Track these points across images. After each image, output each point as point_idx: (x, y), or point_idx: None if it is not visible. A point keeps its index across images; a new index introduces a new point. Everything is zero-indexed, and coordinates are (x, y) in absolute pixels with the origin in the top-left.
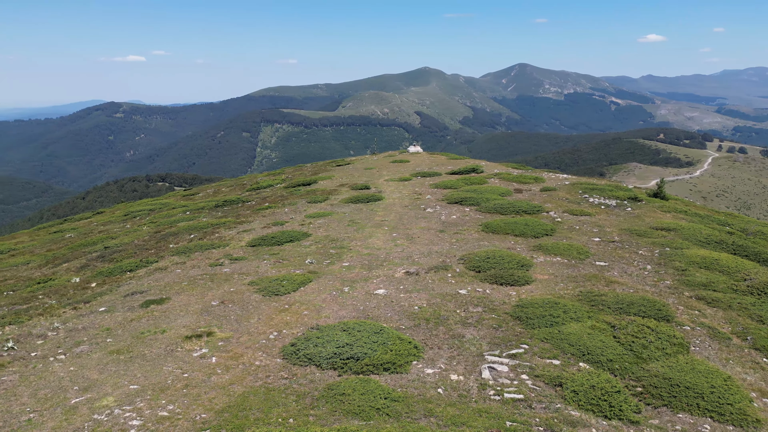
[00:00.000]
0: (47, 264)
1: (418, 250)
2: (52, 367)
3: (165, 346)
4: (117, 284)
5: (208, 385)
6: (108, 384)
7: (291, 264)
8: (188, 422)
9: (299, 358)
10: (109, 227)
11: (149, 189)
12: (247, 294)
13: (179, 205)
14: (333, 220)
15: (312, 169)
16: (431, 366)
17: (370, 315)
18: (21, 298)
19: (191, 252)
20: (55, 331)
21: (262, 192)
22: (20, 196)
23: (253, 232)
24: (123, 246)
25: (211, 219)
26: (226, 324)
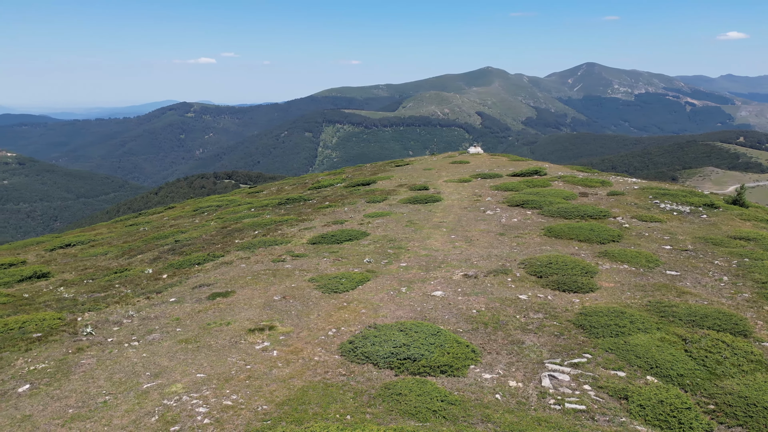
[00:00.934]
0: (123, 255)
1: (477, 252)
2: (126, 352)
3: (229, 338)
4: (186, 276)
5: (270, 378)
6: (177, 371)
7: (349, 262)
8: (250, 412)
9: (357, 355)
10: (179, 222)
11: (216, 186)
12: (308, 290)
13: (244, 202)
14: (391, 220)
15: (371, 169)
16: (489, 371)
17: (427, 316)
18: (99, 287)
19: (255, 248)
20: (129, 319)
21: (322, 191)
22: (99, 190)
23: (314, 230)
24: (192, 240)
25: (274, 216)
26: (287, 319)
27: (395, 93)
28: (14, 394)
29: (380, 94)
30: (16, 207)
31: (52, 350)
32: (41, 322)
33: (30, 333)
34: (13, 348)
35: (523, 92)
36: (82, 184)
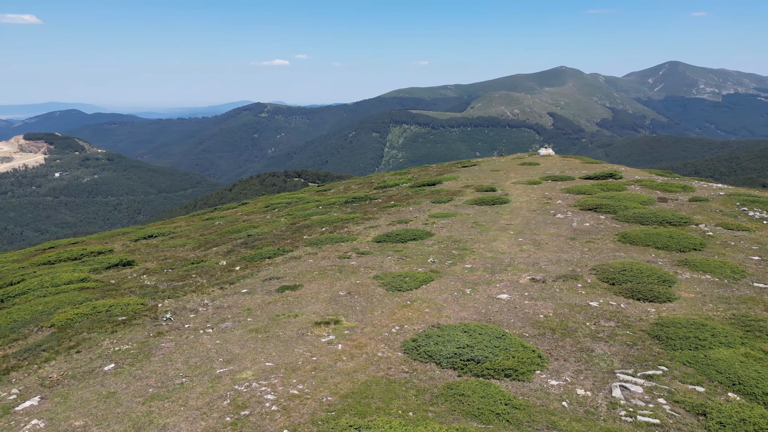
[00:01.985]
0: (200, 247)
1: (545, 256)
2: (201, 339)
3: (297, 330)
4: (257, 269)
5: (334, 370)
6: (247, 359)
7: (413, 262)
8: (315, 402)
9: (420, 354)
10: (251, 217)
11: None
12: (372, 287)
13: (313, 200)
14: (456, 221)
15: (437, 170)
16: (556, 377)
17: (491, 319)
18: (178, 276)
19: (322, 244)
20: (204, 307)
21: (388, 190)
22: (179, 186)
23: (379, 229)
24: (263, 235)
25: (341, 214)
26: (351, 314)
27: (463, 93)
28: (100, 372)
29: (448, 94)
30: (104, 200)
31: (135, 333)
32: (126, 307)
33: (116, 316)
34: (101, 329)
35: (598, 92)
36: (164, 180)
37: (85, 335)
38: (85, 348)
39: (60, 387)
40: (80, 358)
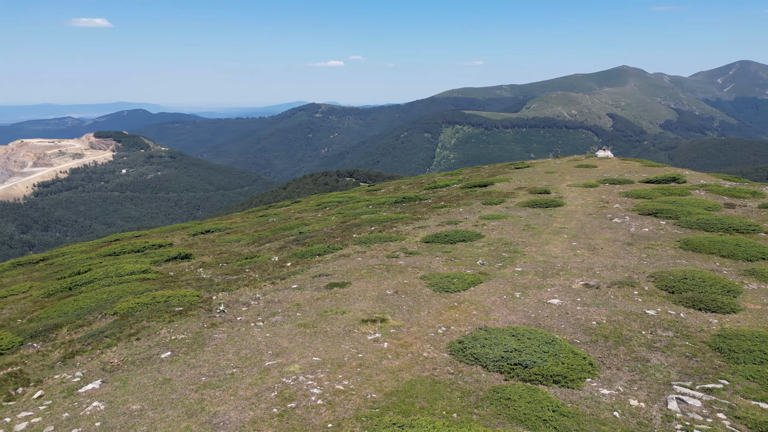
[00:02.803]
0: (254, 243)
1: (600, 262)
2: (252, 331)
3: (344, 326)
4: (307, 266)
5: (379, 368)
6: (295, 353)
7: (462, 263)
8: (360, 399)
9: (466, 356)
10: (303, 215)
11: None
12: (419, 287)
13: (363, 199)
14: (508, 223)
15: (489, 171)
16: (607, 386)
17: (541, 324)
18: (232, 270)
19: (371, 243)
20: (256, 301)
21: (438, 191)
22: (236, 183)
23: (428, 229)
24: (314, 232)
25: (390, 214)
26: (398, 313)
27: (519, 93)
28: (158, 359)
29: (503, 94)
30: (166, 195)
31: (190, 323)
32: (183, 298)
33: (173, 307)
34: (159, 319)
35: (662, 93)
36: (222, 177)
37: (145, 323)
38: (144, 336)
39: (120, 372)
40: (139, 345)
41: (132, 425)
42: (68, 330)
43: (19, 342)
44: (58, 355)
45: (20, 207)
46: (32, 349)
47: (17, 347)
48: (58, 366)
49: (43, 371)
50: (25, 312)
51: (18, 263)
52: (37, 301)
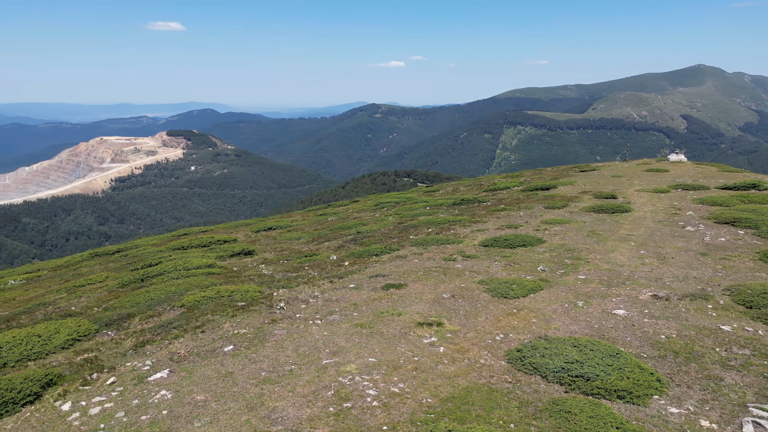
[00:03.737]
0: (313, 241)
1: (670, 272)
2: (310, 329)
3: (400, 328)
4: (364, 265)
5: (435, 373)
6: (352, 353)
7: (522, 269)
8: (415, 403)
9: (524, 365)
10: (361, 215)
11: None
12: (477, 292)
13: (421, 200)
14: (571, 229)
15: (552, 174)
16: (676, 405)
17: (605, 335)
18: (292, 267)
19: (428, 245)
20: (315, 299)
21: (498, 193)
22: (297, 182)
23: (486, 233)
24: (371, 232)
25: (448, 216)
26: (454, 317)
27: (585, 93)
28: (221, 352)
29: (568, 94)
30: (231, 192)
31: (252, 319)
32: (245, 293)
33: (236, 302)
34: (223, 313)
35: (742, 93)
36: (284, 176)
37: (210, 317)
38: (209, 329)
39: (186, 363)
40: (204, 337)
41: (196, 415)
42: (140, 320)
43: (95, 329)
44: (130, 343)
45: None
46: (107, 337)
47: (93, 334)
48: (129, 354)
49: (116, 358)
50: (101, 301)
51: (95, 254)
52: (112, 291)
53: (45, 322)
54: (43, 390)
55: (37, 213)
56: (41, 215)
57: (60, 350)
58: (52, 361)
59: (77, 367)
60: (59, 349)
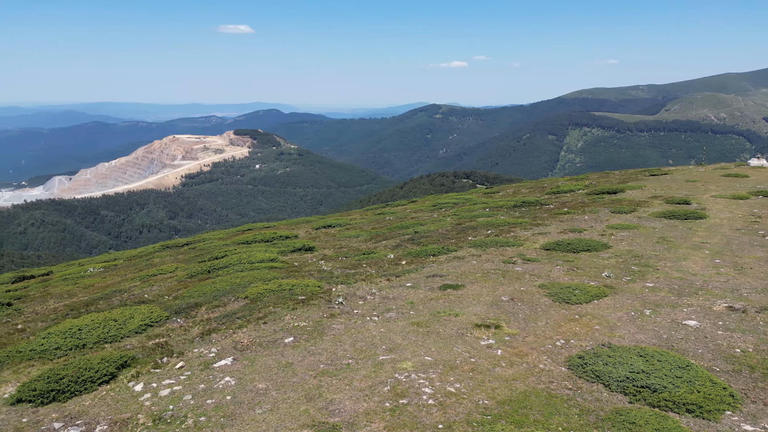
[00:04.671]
0: (371, 239)
1: (748, 283)
2: (367, 325)
3: (456, 329)
4: (421, 265)
5: (492, 375)
6: (408, 350)
7: (585, 274)
8: (471, 403)
9: (586, 372)
10: (419, 215)
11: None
12: (537, 296)
13: (480, 202)
14: (639, 234)
15: (620, 177)
16: (751, 422)
17: (674, 346)
18: (350, 264)
19: (487, 246)
20: (372, 296)
21: (561, 196)
22: (356, 181)
23: (548, 236)
24: (429, 233)
25: (508, 218)
26: (513, 321)
27: (657, 94)
28: (281, 343)
29: (639, 95)
30: (293, 191)
31: (311, 312)
32: (305, 288)
33: (297, 295)
34: (284, 305)
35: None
36: (343, 175)
37: (271, 309)
38: (271, 320)
39: (249, 352)
40: (266, 328)
41: (258, 402)
42: (206, 309)
43: (166, 316)
44: (197, 331)
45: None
46: (176, 324)
47: (164, 321)
48: (196, 341)
49: (184, 344)
50: (171, 290)
51: (166, 246)
52: (182, 281)
53: (120, 307)
54: (118, 371)
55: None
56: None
57: (134, 335)
58: (126, 345)
59: (149, 351)
60: (133, 333)
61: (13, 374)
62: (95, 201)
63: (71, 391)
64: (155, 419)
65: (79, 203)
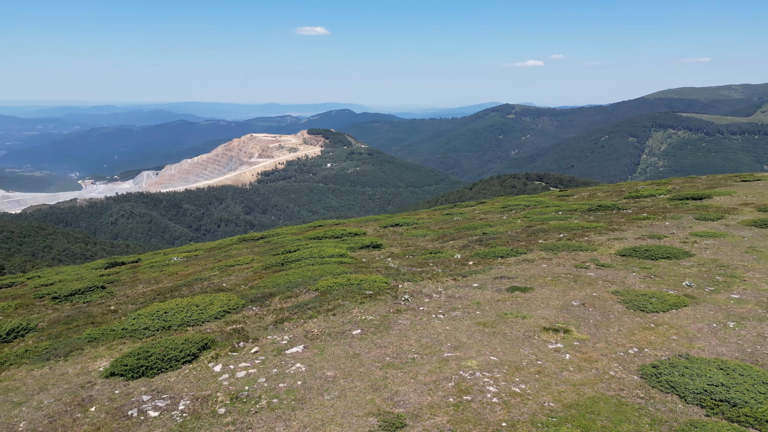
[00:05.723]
0: (438, 239)
1: None
2: (433, 322)
3: (523, 331)
4: (489, 266)
5: (559, 379)
6: (473, 349)
7: (663, 282)
8: (536, 405)
9: (660, 382)
10: (488, 216)
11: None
12: (610, 302)
13: (552, 205)
14: (725, 243)
15: (706, 182)
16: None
17: (759, 361)
18: (417, 263)
19: (558, 250)
20: (438, 294)
21: (640, 201)
22: (424, 181)
23: (625, 242)
24: (498, 234)
25: (582, 221)
26: (583, 326)
27: (752, 94)
28: (349, 334)
29: (731, 95)
30: (362, 189)
31: (378, 307)
32: (373, 283)
33: (364, 290)
34: (352, 299)
35: None
36: (412, 175)
37: (340, 302)
38: (339, 312)
39: (318, 341)
40: (335, 320)
41: (326, 389)
42: (279, 299)
43: (242, 304)
44: (271, 319)
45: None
46: (252, 312)
47: (240, 308)
48: (270, 328)
49: (258, 331)
50: (247, 280)
51: (243, 239)
52: (257, 272)
53: (201, 294)
54: (199, 352)
55: (195, 200)
56: (198, 202)
57: (213, 320)
58: (207, 328)
59: (227, 335)
60: (212, 318)
61: (107, 350)
62: (178, 195)
63: (158, 367)
64: (232, 398)
65: (164, 197)
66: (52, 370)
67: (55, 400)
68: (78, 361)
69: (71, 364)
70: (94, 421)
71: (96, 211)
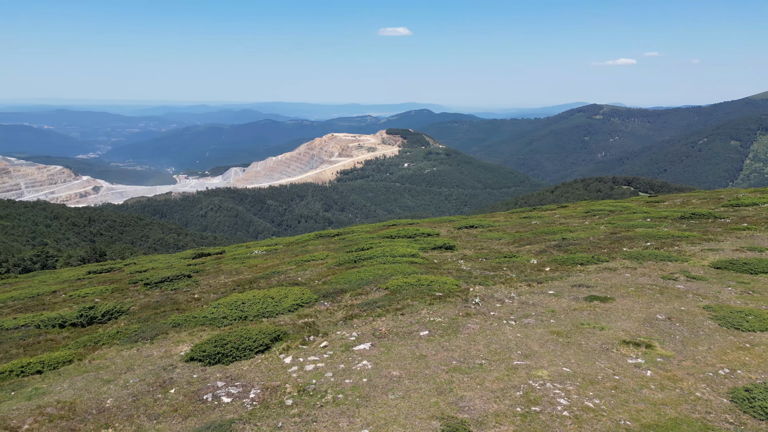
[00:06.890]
0: (514, 243)
1: None
2: (503, 328)
3: (600, 343)
4: (567, 273)
5: (638, 396)
6: (545, 358)
7: (763, 299)
8: (611, 422)
9: (753, 407)
10: (569, 221)
11: (612, 191)
12: (700, 318)
13: (640, 211)
14: None
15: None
16: None
17: None
18: (490, 266)
19: (644, 259)
20: (510, 300)
21: (741, 210)
22: (503, 183)
23: (721, 253)
24: (578, 240)
25: (673, 230)
26: (668, 342)
27: None
28: (417, 335)
29: None
30: (438, 190)
31: (447, 309)
32: (443, 285)
33: (434, 291)
34: (421, 300)
35: None
36: (490, 176)
37: (409, 302)
38: (408, 312)
39: (386, 340)
40: (403, 319)
41: (391, 388)
42: (350, 296)
43: (315, 299)
44: (340, 315)
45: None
46: (323, 307)
47: (313, 303)
48: (339, 324)
49: (328, 326)
50: (321, 275)
51: (320, 235)
52: (330, 268)
53: (277, 287)
54: (271, 343)
55: (278, 197)
56: (281, 199)
57: (286, 312)
58: (280, 321)
59: (299, 328)
60: (286, 311)
61: (188, 336)
62: (263, 191)
63: (233, 356)
64: (300, 390)
65: (249, 192)
66: (139, 351)
67: (139, 380)
68: (162, 345)
69: (156, 347)
70: (173, 402)
71: (188, 204)
